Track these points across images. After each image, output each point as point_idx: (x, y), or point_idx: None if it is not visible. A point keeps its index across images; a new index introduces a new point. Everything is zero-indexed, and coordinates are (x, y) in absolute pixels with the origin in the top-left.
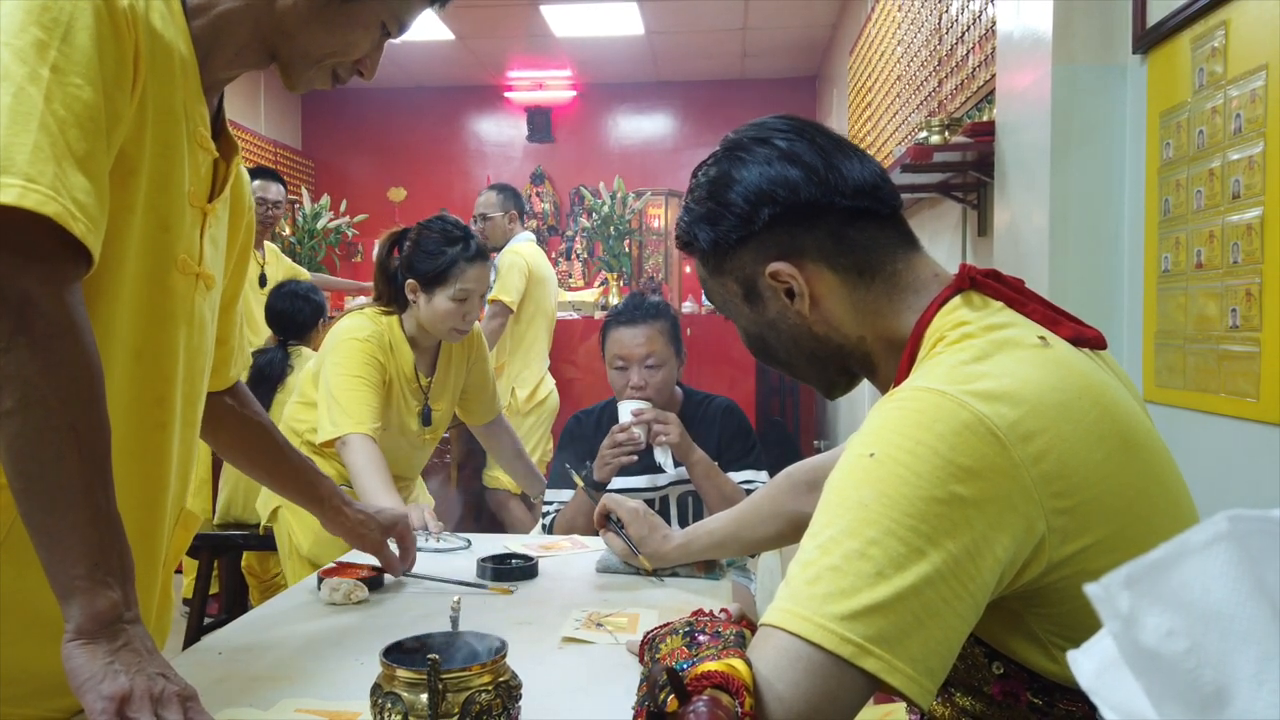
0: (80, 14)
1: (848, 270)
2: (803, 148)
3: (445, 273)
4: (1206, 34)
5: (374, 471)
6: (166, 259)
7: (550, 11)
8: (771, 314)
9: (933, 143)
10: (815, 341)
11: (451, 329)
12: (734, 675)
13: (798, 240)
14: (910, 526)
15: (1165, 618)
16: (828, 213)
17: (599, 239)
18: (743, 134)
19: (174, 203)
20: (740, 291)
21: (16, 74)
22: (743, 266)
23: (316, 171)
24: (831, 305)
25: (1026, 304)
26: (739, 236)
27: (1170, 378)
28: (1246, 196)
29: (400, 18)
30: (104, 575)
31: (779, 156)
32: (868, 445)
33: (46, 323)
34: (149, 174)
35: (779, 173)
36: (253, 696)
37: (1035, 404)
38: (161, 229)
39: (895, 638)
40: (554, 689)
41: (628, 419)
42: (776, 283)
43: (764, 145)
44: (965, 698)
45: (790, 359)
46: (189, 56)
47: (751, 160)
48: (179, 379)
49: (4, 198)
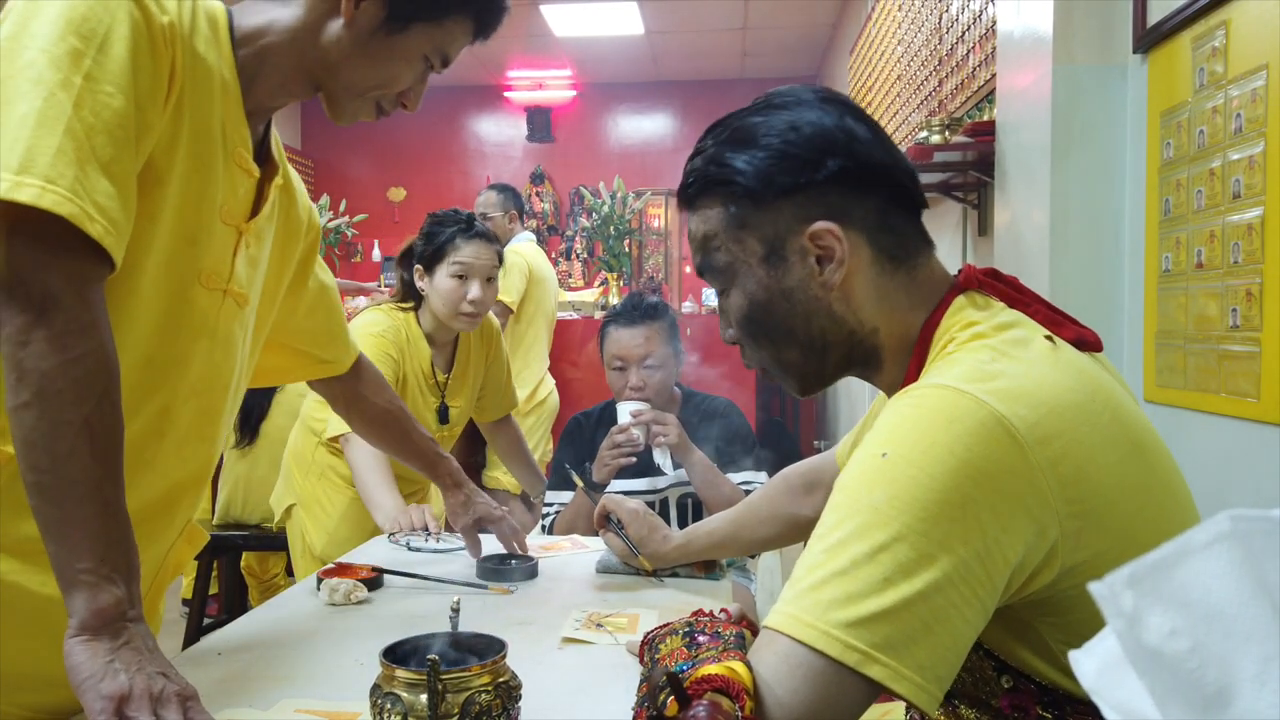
0: (118, 25)
1: (883, 251)
2: (862, 114)
3: (443, 248)
4: (1207, 34)
5: (374, 470)
6: (190, 272)
7: (550, 11)
8: (791, 281)
9: (933, 142)
10: (829, 320)
11: (458, 312)
12: (734, 679)
13: (850, 205)
14: (921, 531)
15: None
16: (884, 185)
17: (599, 239)
18: (786, 92)
19: (204, 218)
20: (762, 251)
21: (50, 80)
22: (775, 221)
23: (316, 171)
24: (857, 285)
25: (1029, 304)
26: (793, 182)
27: (1171, 378)
28: (1247, 196)
29: (444, 51)
30: (109, 571)
31: (848, 114)
32: (880, 445)
33: (67, 318)
34: (178, 187)
35: (850, 127)
36: (253, 696)
37: (1053, 405)
38: (188, 242)
39: (902, 644)
40: (554, 689)
41: (626, 420)
42: (813, 245)
43: (829, 103)
44: (971, 710)
45: (789, 335)
46: (232, 81)
47: (817, 109)
48: (188, 392)
49: (22, 196)
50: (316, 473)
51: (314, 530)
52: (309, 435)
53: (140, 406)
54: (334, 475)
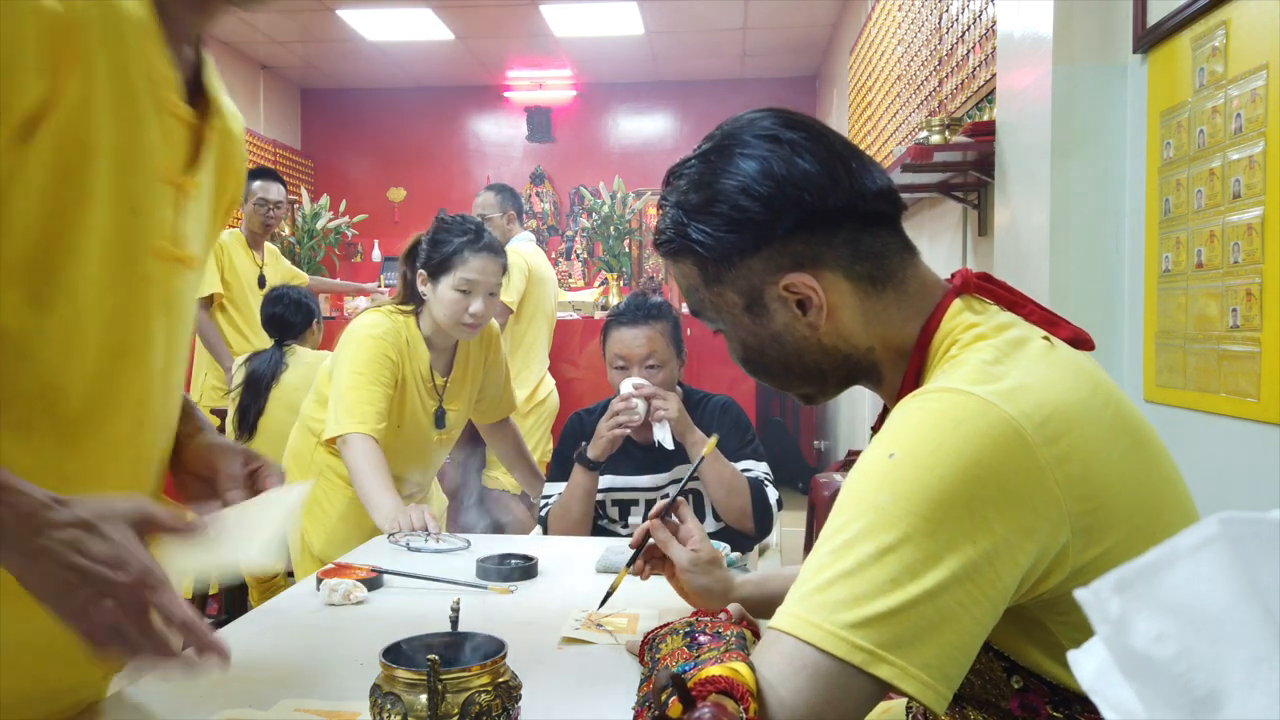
0: None
1: (861, 279)
2: (816, 146)
3: (449, 259)
4: (1207, 34)
5: (373, 471)
6: (140, 246)
7: (550, 11)
8: (777, 326)
9: (933, 142)
10: (822, 354)
11: (459, 323)
12: (738, 680)
13: (816, 249)
14: (928, 532)
15: (1155, 622)
16: (848, 219)
17: (599, 239)
18: (740, 128)
19: (145, 183)
20: (742, 302)
21: None
22: (749, 276)
23: (316, 171)
24: (844, 316)
25: (1022, 305)
26: (754, 245)
27: (1171, 378)
28: (1247, 196)
29: None
30: None
31: (795, 154)
32: (888, 445)
33: None
34: (109, 155)
35: (800, 174)
36: (253, 696)
37: (1058, 404)
38: (131, 213)
39: (909, 643)
40: (554, 689)
41: (628, 391)
42: (789, 294)
43: (773, 142)
44: (979, 713)
45: (787, 371)
46: (143, 14)
47: (762, 158)
48: (157, 374)
49: None
50: (315, 472)
51: (312, 530)
52: (307, 435)
53: (120, 400)
54: (332, 475)
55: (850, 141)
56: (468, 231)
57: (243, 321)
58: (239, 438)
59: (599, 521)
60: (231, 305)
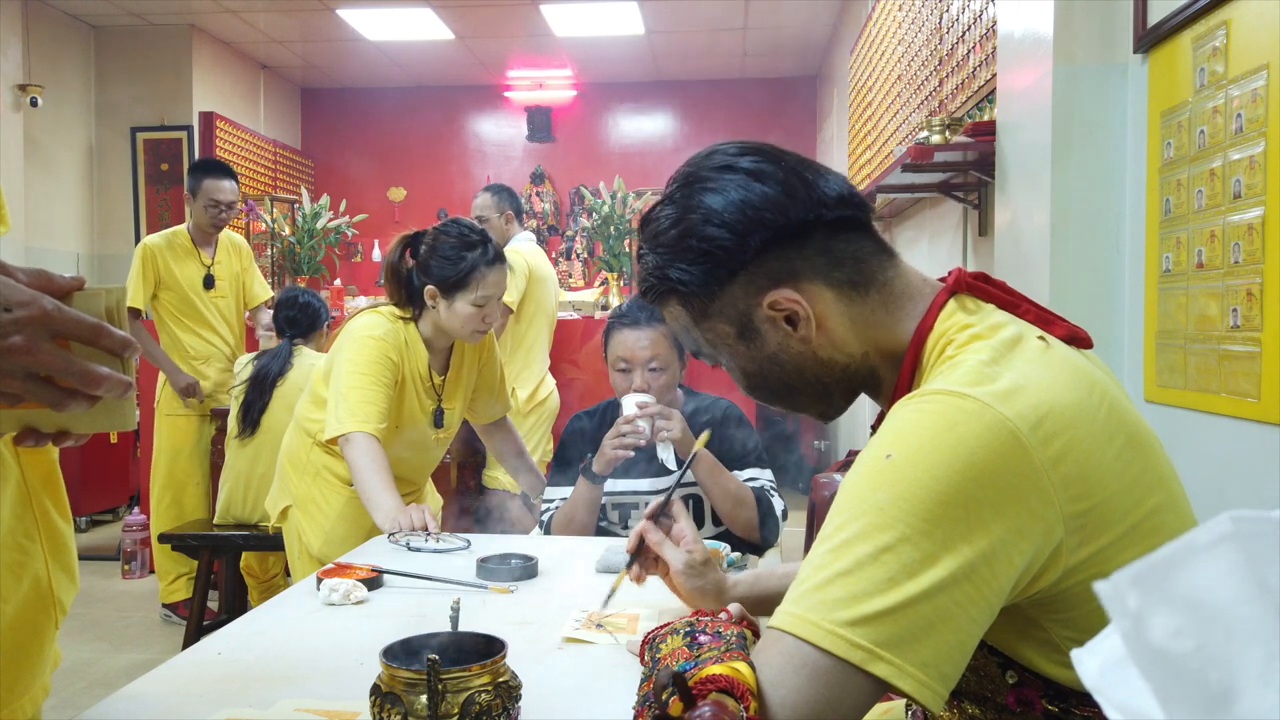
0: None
1: (843, 285)
2: (770, 167)
3: (466, 278)
4: (1207, 34)
5: (375, 470)
6: None
7: (550, 11)
8: (772, 347)
9: (933, 142)
10: (820, 367)
11: (472, 331)
12: (739, 679)
13: (791, 263)
14: (925, 532)
15: (1173, 617)
16: (815, 229)
17: (599, 239)
18: (698, 165)
19: None
20: (733, 331)
21: None
22: (734, 303)
23: (316, 171)
24: (833, 325)
25: (1018, 305)
26: (729, 272)
27: (1171, 378)
28: (1247, 196)
29: None
30: None
31: (751, 178)
32: (886, 446)
33: None
34: None
35: (759, 195)
36: (253, 696)
37: (1053, 404)
38: None
39: (906, 642)
40: (554, 689)
41: (633, 411)
42: (776, 312)
43: (730, 171)
44: (975, 707)
45: (792, 391)
46: None
47: (721, 188)
48: None
49: None
50: (312, 473)
51: (310, 530)
52: (303, 436)
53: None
54: (330, 475)
55: (804, 156)
56: (475, 245)
57: (194, 323)
58: (242, 434)
59: (600, 523)
60: (177, 310)
